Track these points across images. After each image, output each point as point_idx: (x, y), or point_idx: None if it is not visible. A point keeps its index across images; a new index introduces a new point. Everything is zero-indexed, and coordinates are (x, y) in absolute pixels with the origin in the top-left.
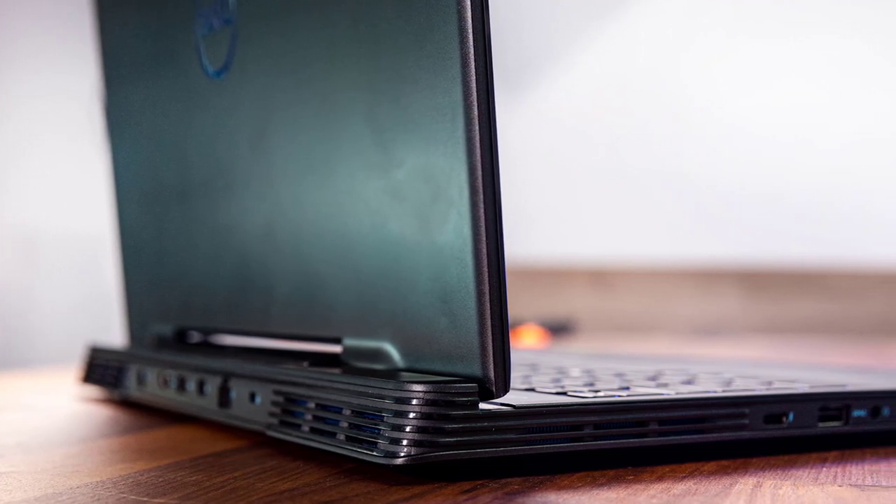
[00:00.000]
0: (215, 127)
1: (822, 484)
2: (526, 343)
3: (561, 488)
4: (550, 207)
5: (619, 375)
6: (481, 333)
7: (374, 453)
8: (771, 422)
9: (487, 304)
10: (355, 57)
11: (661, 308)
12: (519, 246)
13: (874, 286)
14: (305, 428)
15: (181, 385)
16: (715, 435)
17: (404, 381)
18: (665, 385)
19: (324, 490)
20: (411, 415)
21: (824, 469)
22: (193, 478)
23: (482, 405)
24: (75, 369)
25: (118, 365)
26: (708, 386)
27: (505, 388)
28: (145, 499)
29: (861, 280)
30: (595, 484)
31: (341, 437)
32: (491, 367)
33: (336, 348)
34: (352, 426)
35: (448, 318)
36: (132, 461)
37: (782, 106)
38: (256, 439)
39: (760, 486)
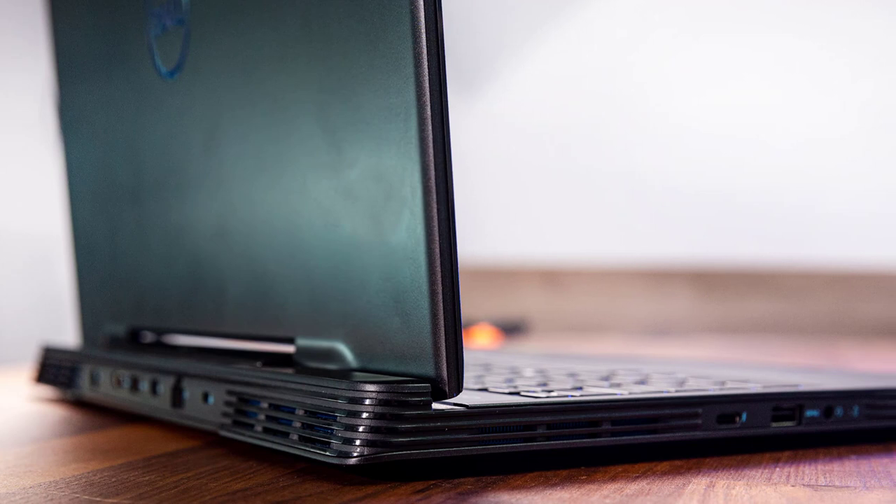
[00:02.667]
0: (168, 127)
1: (776, 484)
2: (479, 343)
3: (514, 488)
4: (503, 207)
5: (572, 375)
6: (434, 333)
7: (327, 453)
8: (724, 422)
9: (440, 304)
10: (308, 57)
11: (612, 308)
12: (472, 246)
13: (825, 286)
14: (258, 428)
15: (134, 385)
16: (668, 435)
17: (357, 381)
18: (618, 385)
19: (277, 490)
20: (364, 415)
21: (777, 469)
22: (146, 478)
23: (435, 405)
24: (28, 369)
25: (71, 365)
26: (661, 386)
27: (458, 388)
28: (98, 499)
29: (812, 279)
30: (548, 484)
31: (294, 437)
32: (444, 366)
33: (289, 348)
34: (305, 426)
35: (401, 317)
36: (85, 461)
37: (734, 106)
38: (209, 439)
39: (713, 486)
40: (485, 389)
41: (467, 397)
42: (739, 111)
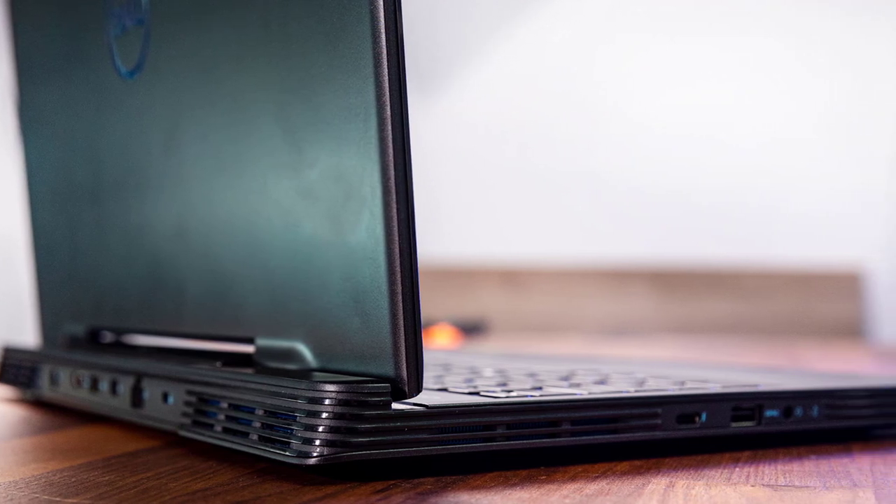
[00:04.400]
0: (128, 127)
1: (735, 484)
2: (438, 343)
3: (473, 488)
4: (462, 207)
5: (532, 375)
6: (394, 333)
7: (287, 453)
8: (684, 422)
9: (400, 304)
10: (268, 57)
11: (572, 308)
12: (431, 246)
13: (784, 286)
14: (218, 428)
15: (94, 385)
16: (628, 435)
17: (317, 381)
18: (578, 385)
19: (236, 490)
20: (324, 415)
21: (737, 469)
22: (106, 478)
23: (395, 405)
24: None
25: (31, 365)
26: (620, 386)
27: (418, 388)
28: (58, 499)
29: (771, 280)
30: (508, 484)
31: (254, 437)
32: (403, 366)
33: (249, 348)
34: (264, 426)
35: (361, 317)
36: (45, 461)
37: (693, 106)
38: (169, 439)
39: (673, 486)
40: (444, 389)
41: (427, 397)
42: (699, 111)
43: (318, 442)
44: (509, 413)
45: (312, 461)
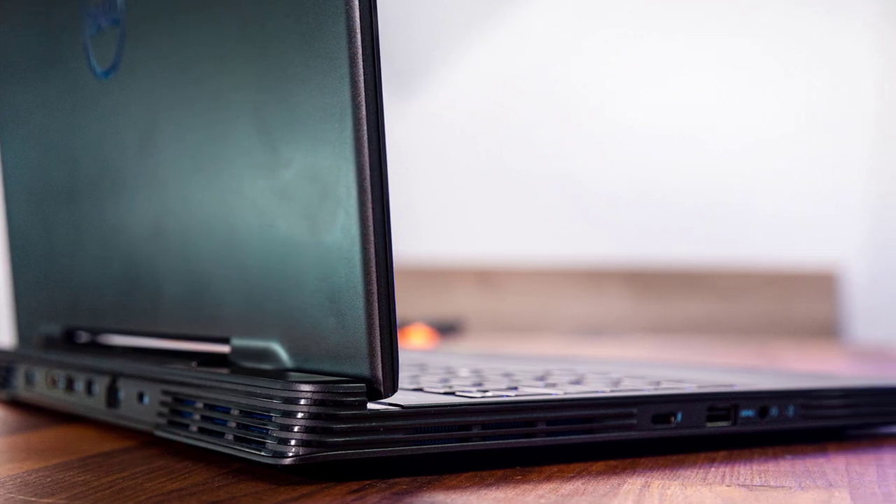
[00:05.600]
0: (104, 127)
1: (711, 484)
2: (414, 343)
3: (449, 488)
4: (438, 207)
5: (508, 375)
6: (369, 333)
7: (263, 453)
8: (659, 422)
9: (375, 304)
10: (243, 57)
11: (547, 308)
12: (407, 246)
13: (760, 286)
14: (193, 428)
15: (69, 385)
16: (603, 435)
17: (292, 381)
18: (553, 385)
19: (212, 490)
20: (299, 415)
21: (712, 469)
22: (82, 478)
23: (370, 405)
24: None
25: (6, 365)
26: (596, 386)
27: (393, 388)
28: (33, 499)
29: (747, 280)
30: (483, 484)
31: (229, 437)
32: (379, 367)
33: (224, 348)
34: (240, 426)
35: (336, 318)
36: (20, 461)
37: (669, 106)
38: (145, 439)
39: (648, 485)
40: (420, 389)
41: (402, 397)
42: (676, 112)
43: (293, 442)
44: (485, 413)
45: (288, 461)
